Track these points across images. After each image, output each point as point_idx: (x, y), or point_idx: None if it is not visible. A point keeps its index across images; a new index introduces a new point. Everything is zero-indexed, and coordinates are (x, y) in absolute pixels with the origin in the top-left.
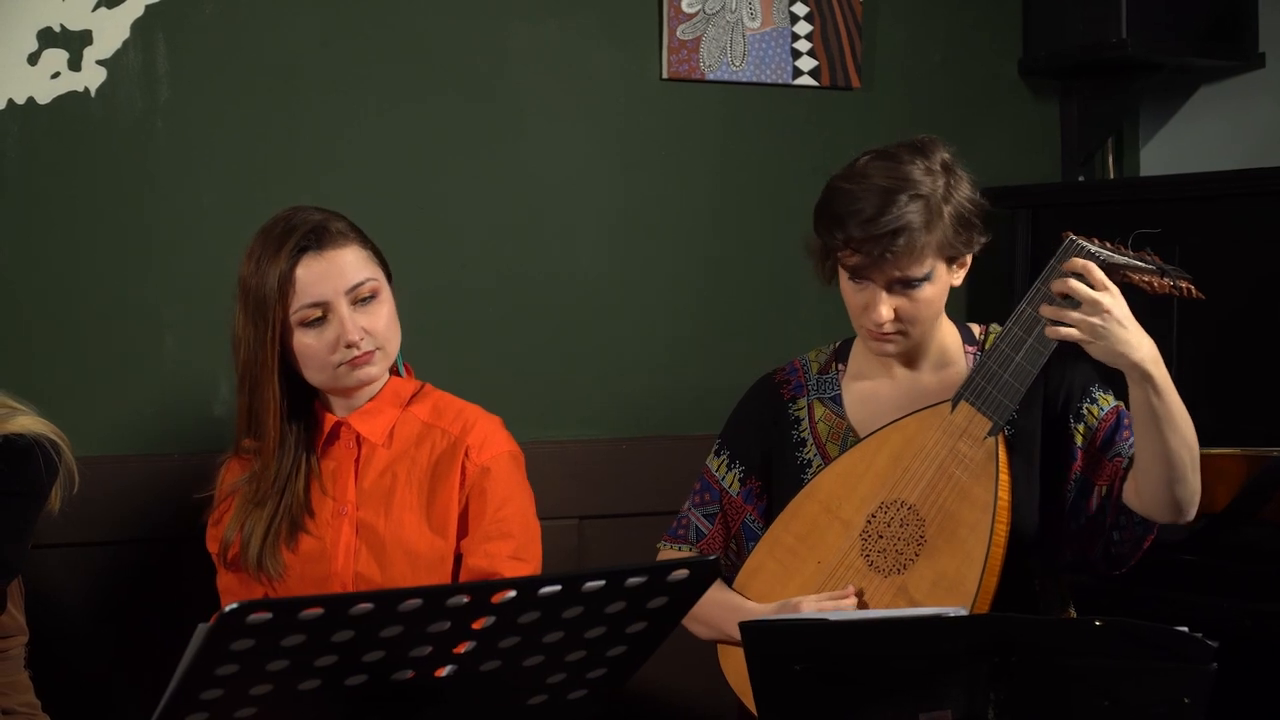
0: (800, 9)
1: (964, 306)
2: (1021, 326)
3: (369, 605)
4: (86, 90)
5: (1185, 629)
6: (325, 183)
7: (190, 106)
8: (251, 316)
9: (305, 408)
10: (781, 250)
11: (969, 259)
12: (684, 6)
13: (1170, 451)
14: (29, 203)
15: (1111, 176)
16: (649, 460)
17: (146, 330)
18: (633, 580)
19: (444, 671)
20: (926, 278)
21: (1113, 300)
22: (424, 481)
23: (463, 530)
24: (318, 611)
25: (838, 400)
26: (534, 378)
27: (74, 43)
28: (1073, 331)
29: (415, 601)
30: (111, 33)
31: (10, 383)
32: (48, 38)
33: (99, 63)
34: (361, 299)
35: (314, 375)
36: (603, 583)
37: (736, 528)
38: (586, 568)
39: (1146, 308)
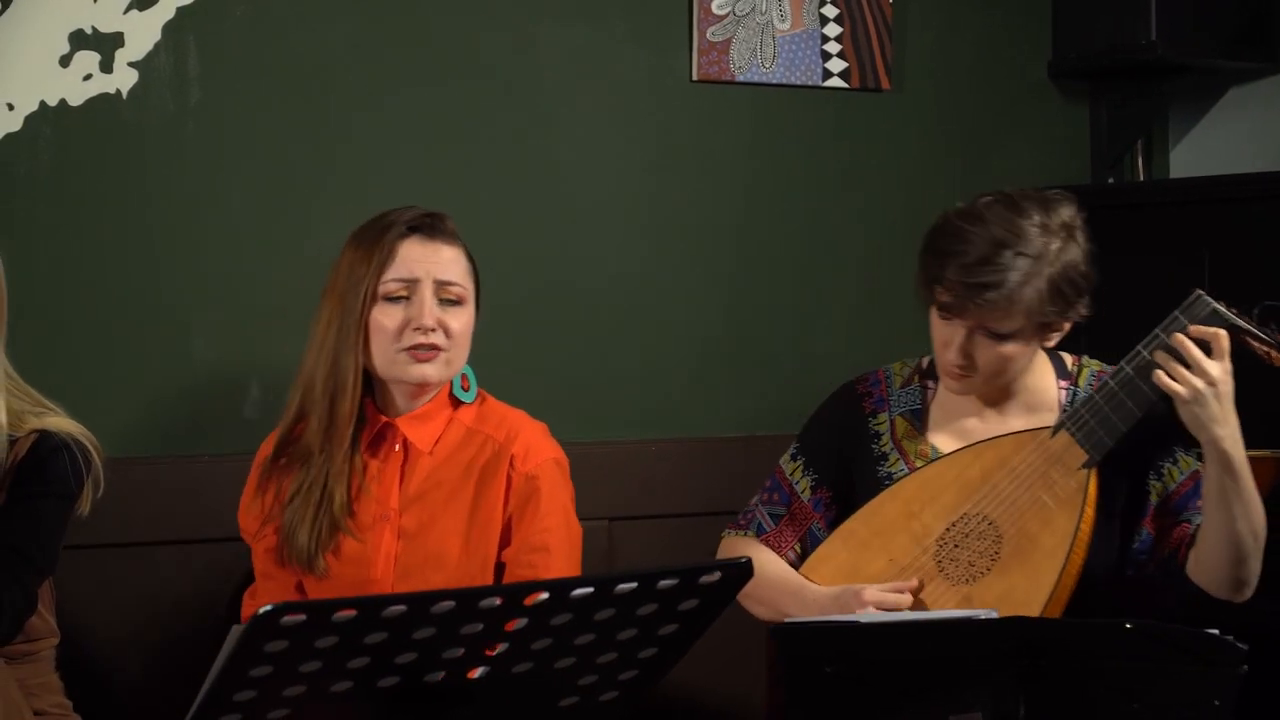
0: (830, 10)
1: None
2: (1135, 368)
3: (402, 607)
4: (118, 92)
5: (1215, 631)
6: (354, 185)
7: (221, 108)
8: (347, 277)
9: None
10: (811, 253)
11: (1066, 325)
12: (714, 8)
13: (1236, 532)
14: (60, 204)
15: (1141, 178)
16: (678, 462)
17: (176, 332)
18: (665, 582)
19: (476, 673)
20: (1012, 335)
21: (1222, 374)
22: (468, 489)
23: (505, 538)
24: (351, 613)
25: (919, 415)
26: (562, 379)
27: (105, 45)
28: (1176, 387)
29: (448, 603)
30: (143, 35)
31: (41, 383)
32: (79, 40)
33: (130, 65)
34: (448, 299)
35: (378, 356)
36: (635, 585)
37: (802, 533)
38: (617, 569)
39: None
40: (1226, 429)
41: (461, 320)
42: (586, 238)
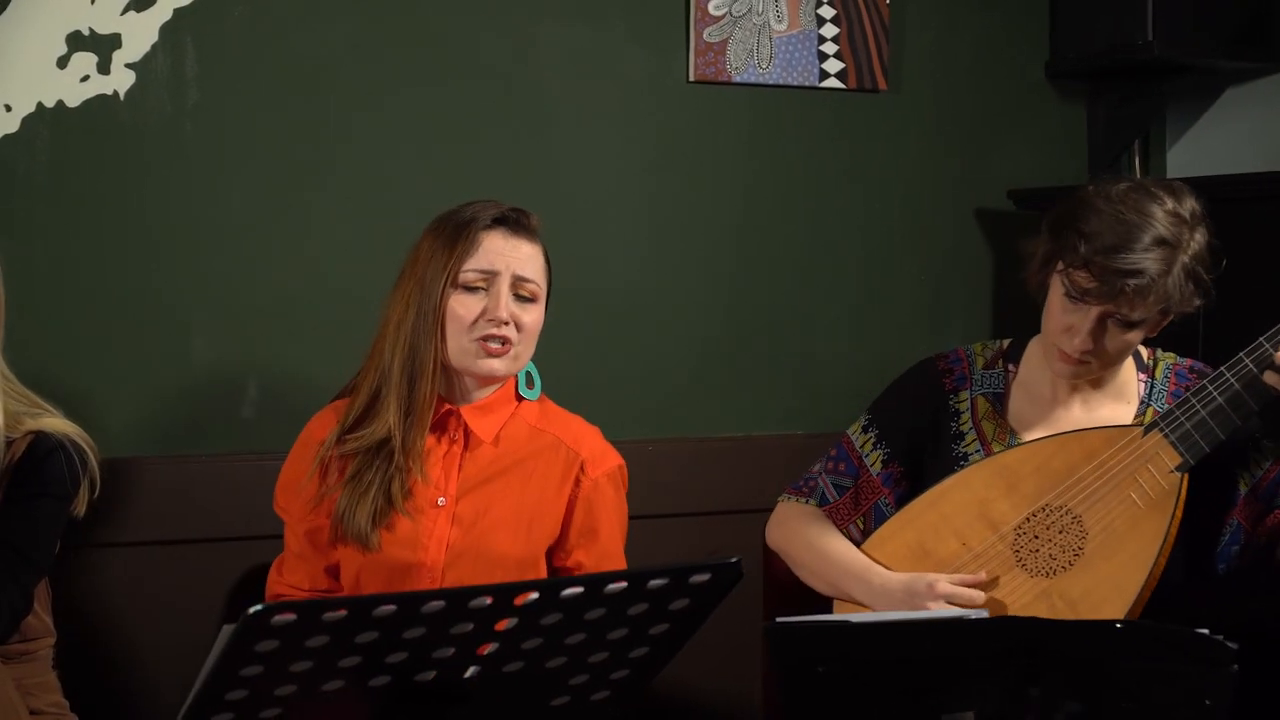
0: (827, 11)
1: (990, 314)
2: (1238, 377)
3: (392, 607)
4: (115, 93)
5: (1205, 630)
6: (352, 184)
7: (218, 109)
8: (427, 263)
9: None
10: (810, 253)
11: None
12: (711, 9)
13: None
14: (58, 205)
15: (1138, 178)
16: (675, 462)
17: (174, 332)
18: (654, 582)
19: (467, 672)
20: (1141, 322)
21: None
22: (530, 484)
23: (559, 537)
24: (341, 613)
25: (1000, 399)
26: (559, 379)
27: (103, 46)
28: None
29: (438, 603)
30: (140, 36)
31: (39, 383)
32: (77, 41)
33: (128, 66)
34: (523, 295)
35: (450, 344)
36: (624, 584)
37: (867, 507)
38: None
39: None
40: None
41: (533, 317)
42: (584, 237)
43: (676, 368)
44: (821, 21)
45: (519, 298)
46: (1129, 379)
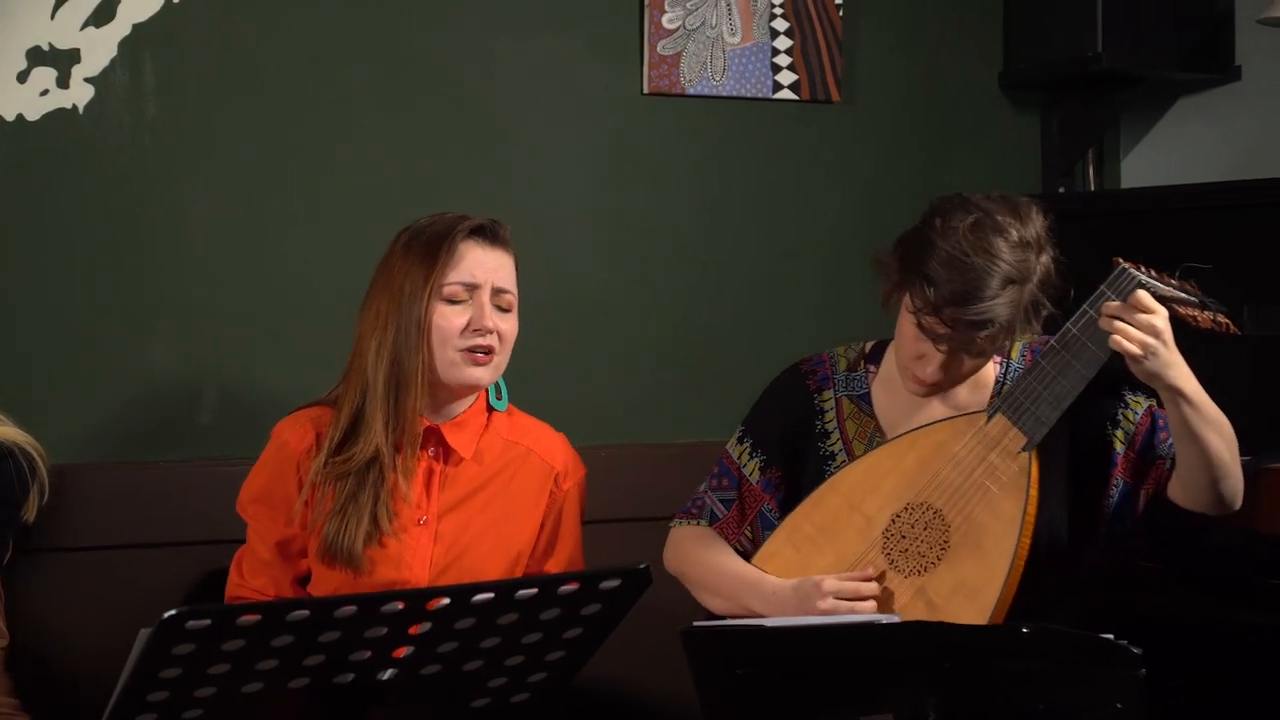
0: (780, 24)
1: None
2: (1067, 349)
3: (305, 611)
4: (75, 108)
5: (1110, 635)
6: (312, 197)
7: (177, 123)
8: (405, 275)
9: None
10: (765, 263)
11: None
12: (665, 22)
13: (1211, 455)
14: (19, 219)
15: (1092, 188)
16: (633, 468)
17: (134, 342)
18: (565, 588)
19: (385, 674)
20: (990, 350)
21: (1164, 324)
22: (508, 497)
23: (537, 543)
24: (255, 618)
25: (866, 399)
26: (517, 388)
27: (62, 61)
28: (1129, 346)
29: (349, 608)
30: (99, 51)
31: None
32: (36, 56)
33: (87, 80)
34: (500, 306)
35: (436, 356)
36: (535, 590)
37: (753, 516)
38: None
39: None
40: (1178, 369)
41: (510, 326)
42: (540, 247)
43: (633, 375)
44: (775, 34)
45: (497, 309)
46: (985, 365)
